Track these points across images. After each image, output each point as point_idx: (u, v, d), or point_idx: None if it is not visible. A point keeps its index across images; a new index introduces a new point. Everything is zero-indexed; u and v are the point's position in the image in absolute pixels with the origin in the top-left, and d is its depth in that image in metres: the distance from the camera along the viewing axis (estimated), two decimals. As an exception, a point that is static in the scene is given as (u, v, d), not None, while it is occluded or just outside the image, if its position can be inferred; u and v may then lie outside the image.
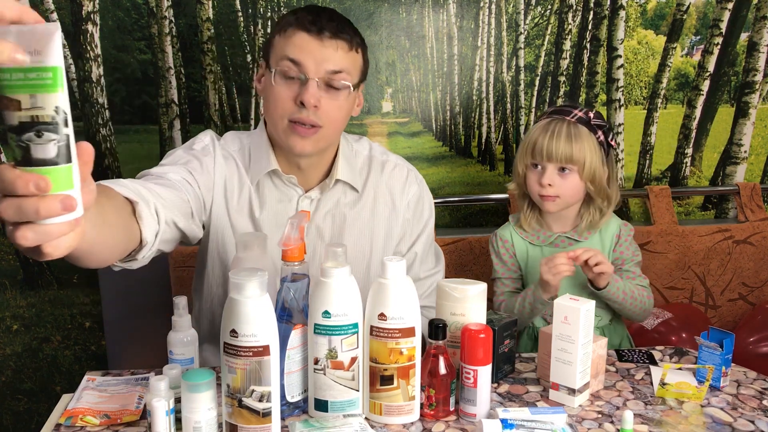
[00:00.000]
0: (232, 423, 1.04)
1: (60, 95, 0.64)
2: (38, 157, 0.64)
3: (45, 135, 0.64)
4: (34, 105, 0.63)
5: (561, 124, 1.57)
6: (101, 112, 2.10)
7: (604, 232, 1.66)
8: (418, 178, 1.53)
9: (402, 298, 1.11)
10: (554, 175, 1.57)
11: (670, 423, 1.18)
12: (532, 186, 1.60)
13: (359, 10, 2.14)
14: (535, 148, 1.57)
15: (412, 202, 1.50)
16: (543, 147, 1.56)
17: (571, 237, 1.65)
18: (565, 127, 1.56)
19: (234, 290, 1.01)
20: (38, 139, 0.63)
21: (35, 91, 0.63)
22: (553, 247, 1.64)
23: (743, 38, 2.30)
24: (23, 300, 2.16)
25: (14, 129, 0.63)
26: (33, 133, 0.63)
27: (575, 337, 1.20)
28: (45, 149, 0.64)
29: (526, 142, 1.61)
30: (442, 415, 1.17)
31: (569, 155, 1.54)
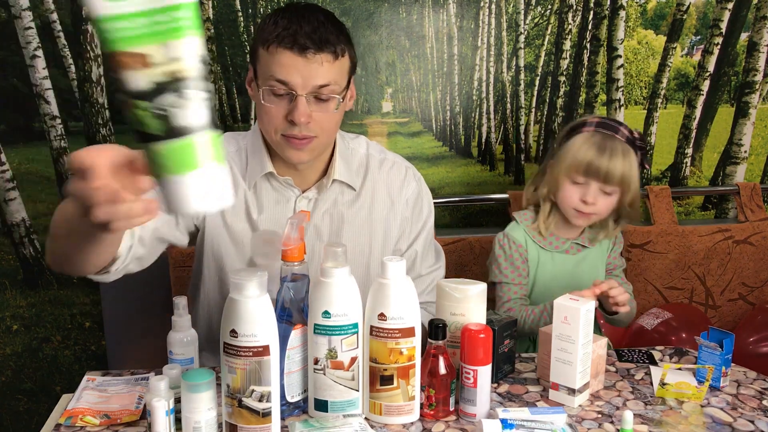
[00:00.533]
0: (232, 423, 1.04)
1: (198, 40, 0.49)
2: (184, 125, 0.49)
3: (190, 94, 0.48)
4: (169, 57, 0.47)
5: (613, 143, 1.53)
6: (101, 112, 2.10)
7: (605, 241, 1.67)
8: (416, 176, 1.53)
9: (402, 298, 1.11)
10: (598, 193, 1.54)
11: (670, 423, 1.18)
12: (570, 200, 1.56)
13: (359, 10, 2.14)
14: (590, 167, 1.52)
15: (410, 199, 1.50)
16: (599, 167, 1.51)
17: (582, 243, 1.64)
18: (620, 148, 1.52)
19: (234, 290, 1.01)
20: (182, 101, 0.48)
21: (167, 38, 0.47)
22: (564, 254, 1.63)
23: (743, 38, 2.30)
24: (23, 300, 2.16)
25: (144, 94, 0.48)
26: (173, 94, 0.48)
27: (575, 337, 1.20)
28: (191, 112, 0.49)
29: (574, 156, 1.53)
30: (441, 415, 1.17)
31: (621, 178, 1.51)
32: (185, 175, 0.50)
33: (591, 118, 1.59)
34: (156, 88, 0.47)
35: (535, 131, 2.30)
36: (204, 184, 0.50)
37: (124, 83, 0.48)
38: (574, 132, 1.58)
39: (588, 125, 1.57)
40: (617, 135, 1.54)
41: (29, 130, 2.08)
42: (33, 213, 2.12)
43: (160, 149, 0.49)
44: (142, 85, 0.47)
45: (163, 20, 0.46)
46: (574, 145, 1.55)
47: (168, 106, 0.47)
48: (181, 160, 0.49)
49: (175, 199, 0.51)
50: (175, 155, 0.49)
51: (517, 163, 2.31)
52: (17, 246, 2.13)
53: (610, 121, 1.57)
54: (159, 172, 0.50)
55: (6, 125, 2.07)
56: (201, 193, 0.50)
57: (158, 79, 0.47)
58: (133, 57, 0.46)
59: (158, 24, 0.46)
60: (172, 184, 0.50)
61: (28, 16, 2.03)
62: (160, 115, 0.48)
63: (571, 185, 1.55)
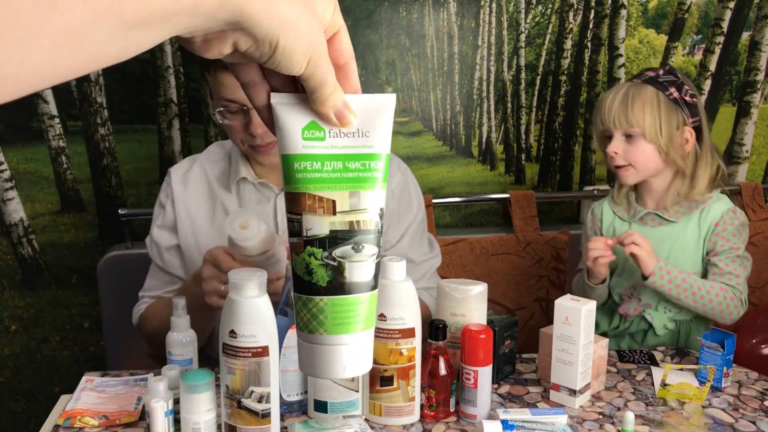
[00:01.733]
0: (231, 424, 1.03)
1: (384, 192, 0.47)
2: (354, 281, 0.46)
3: (365, 249, 0.46)
4: (355, 207, 0.45)
5: (624, 86, 1.49)
6: (100, 111, 2.09)
7: (704, 216, 1.51)
8: (401, 167, 1.54)
9: (402, 299, 1.10)
10: (620, 142, 1.47)
11: (671, 424, 1.17)
12: (606, 158, 1.53)
13: (359, 9, 2.14)
14: (599, 115, 1.50)
15: (396, 191, 1.50)
16: (602, 112, 1.48)
17: (661, 215, 1.53)
18: (626, 89, 1.47)
19: (233, 291, 1.00)
20: (356, 255, 0.46)
21: (358, 187, 0.45)
22: (641, 224, 1.55)
23: (745, 37, 2.30)
24: (21, 300, 2.15)
25: (320, 241, 0.45)
26: (350, 246, 0.46)
27: (576, 338, 1.19)
28: (363, 269, 0.46)
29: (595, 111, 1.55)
30: (442, 416, 1.17)
31: (626, 117, 1.45)
32: (339, 336, 0.46)
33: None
34: (334, 236, 0.45)
35: (535, 131, 2.29)
36: (355, 350, 0.47)
37: (301, 226, 0.46)
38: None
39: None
40: (638, 78, 1.50)
41: (27, 129, 2.07)
42: (31, 213, 2.11)
43: (321, 303, 0.46)
44: (320, 231, 0.45)
45: (357, 168, 0.45)
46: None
47: (341, 258, 0.45)
48: (340, 318, 0.46)
49: (322, 360, 0.46)
50: (336, 313, 0.46)
51: (518, 162, 2.31)
52: (15, 246, 2.12)
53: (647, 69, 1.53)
54: (311, 328, 0.46)
55: (4, 124, 2.06)
56: (349, 358, 0.47)
57: (338, 227, 0.45)
58: (319, 201, 0.45)
59: (353, 171, 0.45)
60: (323, 343, 0.46)
61: (27, 15, 2.02)
62: (331, 266, 0.45)
63: (603, 144, 1.53)
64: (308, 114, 0.45)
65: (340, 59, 0.45)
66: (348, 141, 0.46)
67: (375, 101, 0.47)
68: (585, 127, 2.29)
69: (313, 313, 0.46)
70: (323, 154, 0.45)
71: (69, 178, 2.11)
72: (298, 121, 0.45)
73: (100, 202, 2.13)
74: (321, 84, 0.43)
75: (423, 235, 1.56)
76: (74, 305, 2.18)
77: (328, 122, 0.45)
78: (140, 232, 2.10)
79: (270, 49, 0.40)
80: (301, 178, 0.45)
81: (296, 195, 0.46)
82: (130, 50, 0.36)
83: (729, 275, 1.50)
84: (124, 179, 2.14)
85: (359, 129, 0.46)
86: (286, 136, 0.46)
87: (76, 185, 2.12)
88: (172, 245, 1.49)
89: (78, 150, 2.09)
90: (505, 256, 2.12)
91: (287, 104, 0.46)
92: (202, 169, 1.51)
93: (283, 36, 0.39)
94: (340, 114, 0.45)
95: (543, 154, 2.30)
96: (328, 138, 0.46)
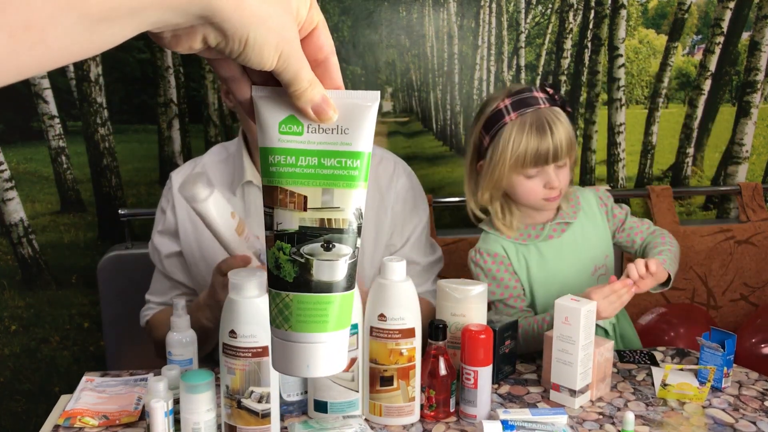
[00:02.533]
0: (231, 424, 1.03)
1: (363, 192, 0.46)
2: (321, 280, 0.46)
3: (336, 248, 0.45)
4: (328, 204, 0.45)
5: (541, 116, 1.39)
6: (100, 111, 2.09)
7: (586, 205, 1.52)
8: (406, 170, 1.53)
9: (402, 299, 1.10)
10: (557, 172, 1.42)
11: (671, 424, 1.17)
12: (534, 193, 1.42)
13: (359, 9, 2.14)
14: (539, 156, 1.37)
15: (401, 194, 1.49)
16: (548, 151, 1.37)
17: (564, 221, 1.49)
18: (552, 117, 1.39)
19: (233, 291, 1.00)
20: (325, 254, 0.45)
21: (332, 185, 0.45)
22: (547, 240, 1.48)
23: (745, 37, 2.29)
24: (22, 300, 2.15)
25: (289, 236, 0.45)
26: (320, 243, 0.45)
27: (576, 338, 1.19)
28: (333, 268, 0.46)
29: (514, 152, 1.38)
30: (442, 416, 1.16)
31: (569, 146, 1.40)
32: (307, 335, 0.46)
33: (499, 103, 1.42)
34: (303, 232, 0.45)
35: (535, 131, 2.29)
36: (320, 350, 0.46)
37: (272, 220, 0.45)
38: (494, 126, 1.42)
39: (505, 113, 1.41)
40: (540, 105, 1.40)
41: (27, 129, 2.07)
42: (31, 213, 2.11)
43: (287, 299, 0.46)
44: (289, 226, 0.45)
45: (332, 165, 0.45)
46: (506, 141, 1.39)
47: (309, 255, 0.45)
48: (305, 316, 0.45)
49: (287, 356, 0.46)
50: (301, 310, 0.45)
51: (518, 162, 2.31)
52: (16, 246, 2.12)
53: (521, 94, 1.42)
54: (278, 323, 0.46)
55: (4, 124, 2.06)
56: (314, 358, 0.46)
57: (308, 224, 0.45)
58: (290, 195, 0.45)
59: (328, 168, 0.45)
60: (288, 339, 0.46)
61: (27, 15, 2.02)
62: (298, 262, 0.45)
63: (526, 180, 1.41)
64: (288, 108, 0.45)
65: (320, 54, 0.45)
66: (325, 137, 0.45)
67: (357, 98, 0.46)
68: (585, 127, 2.29)
69: (279, 308, 0.46)
70: (298, 148, 0.45)
71: (69, 178, 2.11)
72: (276, 115, 0.45)
73: (100, 202, 2.13)
74: (294, 78, 0.43)
75: (427, 241, 1.56)
76: (74, 305, 2.17)
77: (306, 117, 0.45)
78: (140, 232, 2.10)
79: (240, 44, 0.40)
80: (274, 171, 0.45)
81: (269, 188, 0.46)
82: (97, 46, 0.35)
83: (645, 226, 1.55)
84: (124, 179, 2.13)
85: (338, 126, 0.45)
86: (263, 130, 0.46)
87: (76, 185, 2.12)
88: (173, 252, 1.48)
89: (78, 150, 2.09)
90: (505, 256, 2.12)
91: (267, 98, 0.46)
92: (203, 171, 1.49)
93: (253, 31, 0.39)
94: (318, 109, 0.44)
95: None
96: (306, 133, 0.45)
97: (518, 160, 1.39)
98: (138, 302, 1.57)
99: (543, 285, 1.48)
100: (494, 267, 1.47)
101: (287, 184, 0.45)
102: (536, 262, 1.49)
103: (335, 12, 2.13)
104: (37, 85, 2.05)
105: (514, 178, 1.42)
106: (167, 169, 2.12)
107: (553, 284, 1.47)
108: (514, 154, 1.39)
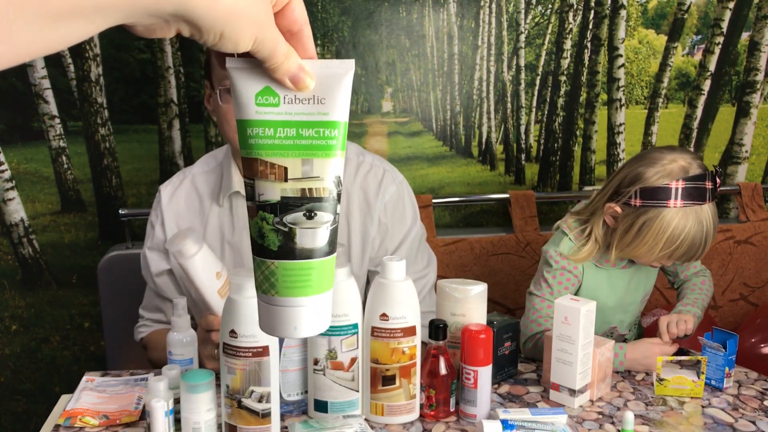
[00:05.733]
0: (232, 424, 1.03)
1: (341, 161, 0.47)
2: (305, 247, 0.47)
3: (318, 216, 0.46)
4: (308, 174, 0.46)
5: (699, 220, 1.32)
6: (100, 111, 2.09)
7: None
8: (396, 179, 1.47)
9: (403, 298, 1.10)
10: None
11: (670, 423, 1.17)
12: (647, 260, 1.40)
13: (359, 9, 2.14)
14: (689, 253, 1.34)
15: (389, 203, 1.44)
16: (689, 257, 1.36)
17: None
18: (707, 227, 1.33)
19: (233, 291, 1.00)
20: (308, 222, 0.46)
21: (311, 155, 0.46)
22: (621, 269, 1.48)
23: (744, 38, 2.30)
24: (22, 300, 2.15)
25: (271, 206, 0.46)
26: (302, 213, 0.46)
27: (575, 338, 1.19)
28: (315, 235, 0.47)
29: (660, 245, 1.33)
30: (442, 415, 1.17)
31: (706, 249, 1.37)
32: (293, 299, 0.48)
33: (673, 183, 1.32)
34: (285, 203, 0.46)
35: (535, 131, 2.29)
36: (306, 313, 0.48)
37: (254, 191, 0.46)
38: (653, 198, 1.34)
39: (673, 196, 1.33)
40: (706, 200, 1.33)
41: (28, 129, 2.07)
42: (32, 213, 2.11)
43: (272, 266, 0.47)
44: (272, 197, 0.46)
45: (310, 135, 0.45)
46: (662, 229, 1.32)
47: (292, 224, 0.46)
48: (291, 282, 0.47)
49: (274, 319, 0.47)
50: (287, 276, 0.47)
51: (518, 162, 2.31)
52: (16, 246, 2.12)
53: (696, 182, 1.33)
54: (264, 288, 0.48)
55: (5, 125, 2.06)
56: (300, 320, 0.48)
57: (289, 194, 0.46)
58: (271, 167, 0.45)
59: (306, 138, 0.45)
60: (275, 304, 0.48)
61: (27, 15, 2.02)
62: (281, 231, 0.46)
63: (656, 260, 1.40)
64: (264, 79, 0.45)
65: (294, 26, 0.45)
66: (303, 108, 0.45)
67: (333, 67, 0.46)
68: (585, 128, 2.29)
69: (265, 275, 0.48)
70: (276, 120, 0.45)
71: (69, 179, 2.11)
72: (252, 87, 0.45)
73: (100, 202, 2.13)
74: (271, 55, 0.44)
75: (419, 251, 1.49)
76: (74, 305, 2.18)
77: (285, 87, 0.45)
78: (140, 232, 2.11)
79: (215, 37, 0.40)
80: (253, 143, 0.46)
81: (249, 160, 0.46)
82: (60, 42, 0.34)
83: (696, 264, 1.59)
84: (125, 179, 2.14)
85: (315, 96, 0.45)
86: (240, 102, 0.46)
87: (77, 185, 2.12)
88: (163, 270, 1.46)
89: (78, 150, 2.10)
90: (505, 256, 2.12)
91: (242, 69, 0.46)
92: (192, 184, 1.47)
93: (228, 25, 0.40)
94: (295, 78, 0.45)
95: (543, 154, 2.31)
96: (283, 104, 0.46)
97: (667, 254, 1.35)
98: (138, 302, 1.57)
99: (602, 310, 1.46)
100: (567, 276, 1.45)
101: (267, 156, 0.46)
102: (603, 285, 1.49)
103: (335, 12, 2.13)
104: (38, 85, 2.05)
105: (648, 257, 1.39)
106: (168, 169, 2.12)
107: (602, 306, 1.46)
108: (666, 248, 1.34)
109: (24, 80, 2.04)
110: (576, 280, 1.46)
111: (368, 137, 2.25)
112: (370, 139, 2.25)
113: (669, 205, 1.32)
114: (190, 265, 1.18)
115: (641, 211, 1.35)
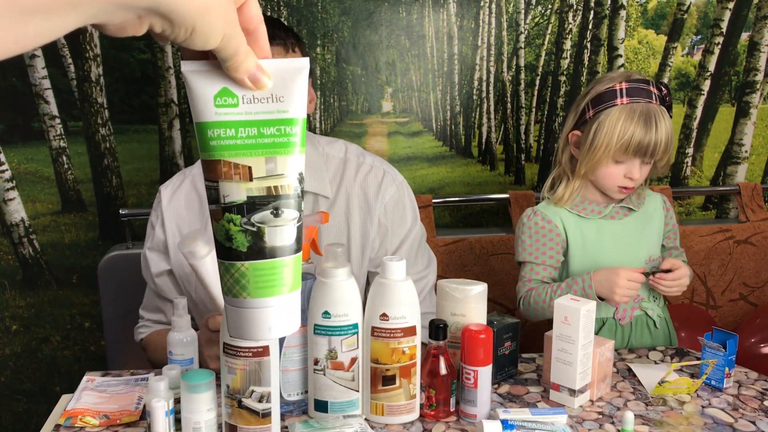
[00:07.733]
0: (232, 424, 1.03)
1: (302, 157, 0.47)
2: (275, 245, 0.47)
3: (285, 213, 0.46)
4: (272, 172, 0.46)
5: (650, 111, 1.41)
6: (100, 111, 2.09)
7: (651, 202, 1.56)
8: (396, 180, 1.47)
9: (404, 298, 1.11)
10: (642, 166, 1.45)
11: (670, 423, 1.17)
12: (614, 178, 1.45)
13: (359, 9, 2.14)
14: (639, 147, 1.40)
15: (389, 204, 1.45)
16: (648, 144, 1.40)
17: (628, 206, 1.52)
18: (656, 115, 1.41)
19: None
20: (275, 220, 0.46)
21: (275, 153, 0.46)
22: (609, 220, 1.51)
23: (744, 38, 2.30)
24: (22, 300, 2.15)
25: (238, 207, 0.46)
26: (269, 211, 0.46)
27: (575, 338, 1.19)
28: (284, 233, 0.47)
29: (617, 137, 1.40)
30: (442, 415, 1.17)
31: (666, 147, 1.43)
32: (265, 299, 0.47)
33: (617, 84, 1.44)
34: (251, 202, 0.46)
35: (535, 131, 2.29)
36: (279, 312, 0.48)
37: (218, 193, 0.46)
38: (603, 102, 1.45)
39: (618, 95, 1.43)
40: (652, 99, 1.42)
41: (28, 129, 2.07)
42: (32, 213, 2.11)
43: (243, 268, 0.47)
44: (237, 197, 0.46)
45: (272, 133, 0.46)
46: (613, 124, 1.41)
47: (260, 223, 0.46)
48: (263, 282, 0.47)
49: (247, 322, 0.48)
50: (258, 277, 0.47)
51: (518, 162, 2.31)
52: (16, 246, 2.12)
53: (638, 83, 1.43)
54: (235, 292, 0.48)
55: (5, 125, 2.06)
56: (274, 320, 0.48)
57: (255, 193, 0.46)
58: (235, 167, 0.45)
59: (268, 136, 0.45)
60: (247, 306, 0.48)
61: (28, 15, 2.02)
62: (250, 231, 0.46)
63: (613, 164, 1.44)
64: (220, 80, 0.45)
65: (250, 25, 0.46)
66: (262, 107, 0.46)
67: (288, 66, 0.46)
68: (585, 128, 2.29)
69: (235, 278, 0.47)
70: (237, 120, 0.45)
71: (70, 179, 2.11)
72: (209, 89, 0.45)
73: (100, 202, 2.14)
74: (234, 54, 0.44)
75: (419, 252, 1.50)
76: (75, 305, 2.18)
77: (243, 86, 0.45)
78: (141, 232, 2.11)
79: (186, 32, 0.40)
80: (215, 145, 0.46)
81: (211, 162, 0.46)
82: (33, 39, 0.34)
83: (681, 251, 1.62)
84: (125, 179, 2.14)
85: (273, 94, 0.46)
86: (198, 104, 0.46)
87: (77, 185, 2.12)
88: (163, 271, 1.46)
89: (79, 150, 2.10)
90: (505, 256, 2.13)
91: (198, 72, 0.46)
92: (192, 184, 1.47)
93: (200, 20, 0.40)
94: (254, 77, 0.45)
95: (543, 154, 2.31)
96: (242, 104, 0.46)
97: (621, 146, 1.41)
98: (139, 302, 1.58)
99: (594, 262, 1.49)
100: (543, 232, 1.50)
101: (230, 157, 0.45)
102: (594, 238, 1.51)
103: (335, 12, 2.13)
104: (38, 85, 2.05)
105: (606, 160, 1.45)
106: (168, 169, 2.12)
107: (604, 263, 1.48)
108: (620, 140, 1.41)
109: (24, 80, 2.04)
110: (555, 234, 1.50)
111: (368, 137, 2.25)
112: (370, 140, 2.25)
113: (617, 103, 1.43)
114: (202, 266, 1.18)
115: (594, 118, 1.45)
